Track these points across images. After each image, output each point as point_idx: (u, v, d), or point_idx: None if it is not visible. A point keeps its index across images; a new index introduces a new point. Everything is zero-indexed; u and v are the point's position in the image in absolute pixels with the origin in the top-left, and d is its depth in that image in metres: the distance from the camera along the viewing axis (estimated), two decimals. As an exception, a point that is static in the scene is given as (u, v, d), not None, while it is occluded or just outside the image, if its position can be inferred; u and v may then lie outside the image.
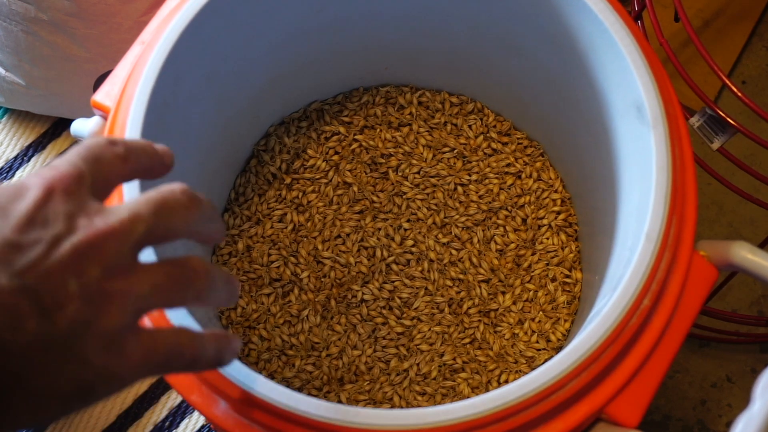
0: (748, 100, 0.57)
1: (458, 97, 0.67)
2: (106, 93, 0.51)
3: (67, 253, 0.30)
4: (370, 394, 0.59)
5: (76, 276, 0.30)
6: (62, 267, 0.29)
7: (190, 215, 0.33)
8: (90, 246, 0.30)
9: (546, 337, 0.61)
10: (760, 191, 0.68)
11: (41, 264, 0.29)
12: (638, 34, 0.50)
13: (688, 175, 0.48)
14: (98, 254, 0.30)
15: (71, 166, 0.31)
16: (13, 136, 0.83)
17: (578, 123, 0.59)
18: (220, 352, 0.35)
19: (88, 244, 0.30)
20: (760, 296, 0.79)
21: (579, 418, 0.43)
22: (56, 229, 0.30)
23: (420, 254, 0.63)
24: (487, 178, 0.65)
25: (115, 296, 0.30)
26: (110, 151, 0.33)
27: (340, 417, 0.41)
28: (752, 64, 0.88)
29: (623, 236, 0.51)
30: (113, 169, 0.33)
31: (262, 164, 0.65)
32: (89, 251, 0.30)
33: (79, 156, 0.32)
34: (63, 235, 0.30)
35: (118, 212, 0.31)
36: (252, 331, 0.61)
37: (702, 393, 0.76)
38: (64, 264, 0.29)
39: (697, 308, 0.46)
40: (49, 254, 0.29)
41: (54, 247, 0.30)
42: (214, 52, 0.54)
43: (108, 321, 0.30)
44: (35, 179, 0.31)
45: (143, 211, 0.31)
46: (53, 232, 0.30)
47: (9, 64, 0.76)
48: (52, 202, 0.30)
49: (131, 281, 0.31)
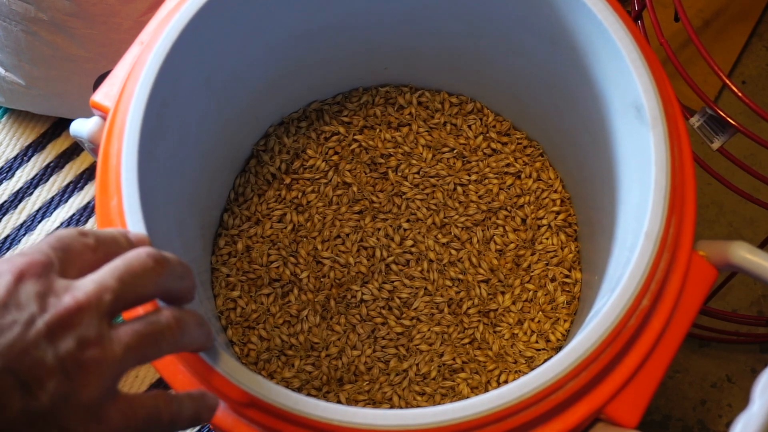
0: (748, 100, 0.57)
1: (458, 97, 0.67)
2: (105, 93, 0.51)
3: (41, 331, 0.31)
4: (370, 395, 0.59)
5: (52, 351, 0.31)
6: (38, 344, 0.31)
7: (158, 277, 0.35)
8: (61, 321, 0.32)
9: (545, 337, 0.61)
10: (760, 191, 0.68)
11: (19, 343, 0.31)
12: (637, 34, 0.50)
13: (688, 175, 0.48)
14: (70, 328, 0.32)
15: (40, 254, 0.33)
16: (13, 136, 0.83)
17: (578, 123, 0.59)
18: (197, 412, 0.37)
19: (60, 319, 0.32)
20: (760, 296, 0.79)
21: (578, 418, 0.43)
22: (30, 310, 0.32)
23: (419, 254, 0.63)
24: (487, 178, 0.65)
25: (91, 366, 0.32)
26: (79, 242, 0.35)
27: (339, 417, 0.41)
28: (752, 64, 0.88)
29: (622, 236, 0.51)
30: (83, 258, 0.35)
31: (262, 164, 0.65)
32: (61, 326, 0.32)
33: (48, 245, 0.34)
34: (36, 315, 0.32)
35: (84, 286, 0.33)
36: (251, 331, 0.61)
37: (702, 393, 0.76)
38: (40, 341, 0.31)
39: (696, 308, 0.46)
40: (25, 334, 0.31)
41: (29, 326, 0.31)
42: (213, 53, 0.54)
43: (87, 392, 0.32)
44: (6, 266, 0.33)
45: (108, 281, 0.33)
46: (27, 313, 0.32)
47: (9, 64, 0.76)
48: (24, 285, 0.32)
49: (105, 349, 0.32)
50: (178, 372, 0.44)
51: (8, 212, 0.80)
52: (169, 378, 0.44)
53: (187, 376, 0.44)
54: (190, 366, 0.43)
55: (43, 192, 0.81)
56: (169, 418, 0.36)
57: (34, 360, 0.31)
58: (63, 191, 0.81)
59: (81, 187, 0.81)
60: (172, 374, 0.44)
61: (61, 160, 0.82)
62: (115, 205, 0.46)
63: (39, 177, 0.82)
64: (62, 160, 0.82)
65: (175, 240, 0.52)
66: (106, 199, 0.47)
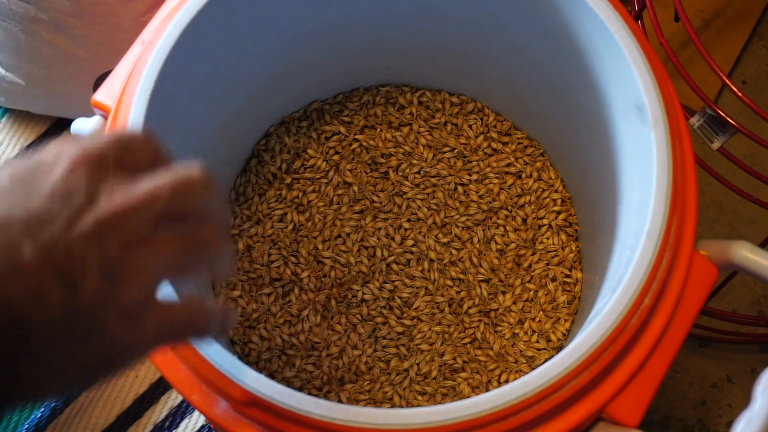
0: (748, 100, 0.57)
1: (458, 96, 0.67)
2: (107, 92, 0.51)
3: (88, 227, 0.30)
4: (371, 394, 0.59)
5: (97, 250, 0.30)
6: (83, 241, 0.30)
7: (208, 197, 0.34)
8: (110, 220, 0.31)
9: (546, 336, 0.61)
10: (760, 191, 0.68)
11: (63, 237, 0.30)
12: (639, 34, 0.50)
13: (689, 174, 0.48)
14: (118, 229, 0.31)
15: (99, 145, 0.32)
16: (13, 136, 0.83)
17: (579, 123, 0.59)
18: (224, 323, 0.37)
19: (108, 218, 0.31)
20: (760, 296, 0.79)
21: (579, 417, 0.43)
22: (77, 202, 0.31)
23: (420, 254, 0.63)
24: (488, 178, 0.65)
25: (133, 270, 0.31)
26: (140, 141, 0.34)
27: (340, 416, 0.41)
28: (752, 64, 0.88)
29: (624, 236, 0.51)
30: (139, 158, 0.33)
31: (263, 164, 0.65)
32: (109, 226, 0.31)
33: (109, 138, 0.33)
34: (84, 209, 0.31)
35: (138, 189, 0.32)
36: (252, 331, 0.61)
37: (702, 393, 0.76)
38: (85, 238, 0.30)
39: (697, 308, 0.46)
40: (70, 228, 0.30)
41: (75, 220, 0.30)
42: (214, 52, 0.54)
43: (127, 294, 0.31)
44: (65, 153, 0.32)
45: (163, 189, 0.32)
46: (75, 205, 0.30)
47: (9, 64, 0.76)
48: (76, 175, 0.31)
49: (149, 255, 0.32)
50: (180, 371, 0.44)
51: (8, 212, 0.80)
52: (170, 377, 0.44)
53: (188, 375, 0.44)
54: (192, 365, 0.43)
55: (43, 192, 0.81)
56: (202, 326, 0.35)
57: (78, 259, 0.30)
58: (63, 191, 0.81)
59: (81, 186, 0.81)
60: (173, 373, 0.44)
61: (62, 159, 0.82)
62: (117, 204, 0.46)
63: (39, 177, 0.82)
64: (62, 160, 0.82)
65: (176, 239, 0.52)
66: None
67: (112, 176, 0.32)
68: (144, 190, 0.32)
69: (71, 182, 0.31)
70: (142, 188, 0.32)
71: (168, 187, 0.32)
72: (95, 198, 0.31)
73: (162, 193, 0.32)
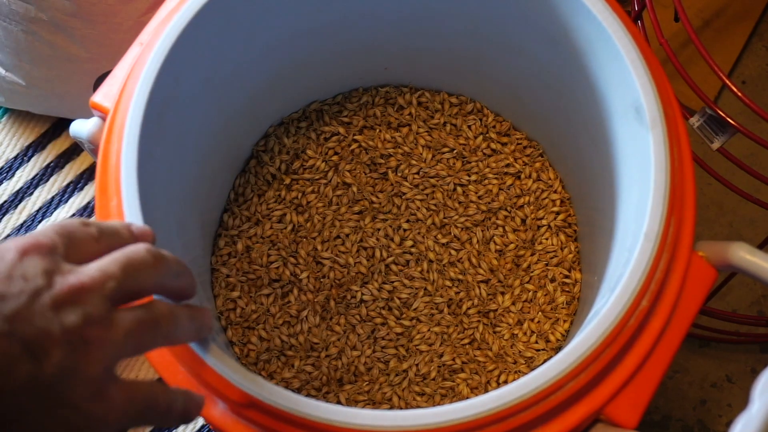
0: (748, 100, 0.57)
1: (457, 97, 0.67)
2: (105, 94, 0.51)
3: (48, 303, 0.32)
4: (370, 395, 0.59)
5: (58, 323, 0.32)
6: (45, 314, 0.32)
7: (156, 273, 0.36)
8: (68, 297, 0.32)
9: (545, 337, 0.61)
10: (760, 191, 0.68)
11: (26, 311, 0.32)
12: (637, 35, 0.50)
13: (687, 175, 0.48)
14: (76, 304, 0.32)
15: (45, 237, 0.34)
16: (13, 136, 0.83)
17: (577, 123, 0.59)
18: (187, 406, 0.38)
19: (65, 294, 0.32)
20: (760, 296, 0.79)
21: (578, 418, 0.43)
22: (36, 283, 0.32)
23: (419, 255, 0.63)
24: (487, 179, 0.65)
25: (95, 343, 0.33)
26: (83, 231, 0.36)
27: (339, 418, 0.41)
28: (752, 64, 0.88)
29: (622, 237, 0.51)
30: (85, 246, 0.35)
31: (262, 165, 0.65)
32: (68, 302, 0.32)
33: (53, 230, 0.35)
34: (43, 288, 0.32)
35: (89, 271, 0.34)
36: (251, 332, 0.61)
37: (702, 393, 0.76)
38: (47, 312, 0.32)
39: (695, 309, 0.46)
40: (32, 303, 0.32)
41: (36, 297, 0.32)
42: (213, 53, 0.54)
43: (91, 368, 0.32)
44: (11, 243, 0.33)
45: (112, 269, 0.34)
46: (33, 285, 0.32)
47: (9, 64, 0.76)
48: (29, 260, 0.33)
49: (108, 329, 0.33)
50: (178, 373, 0.44)
51: (8, 212, 0.80)
52: (168, 378, 0.44)
53: (186, 377, 0.44)
54: (190, 366, 0.43)
55: (43, 192, 0.81)
56: (165, 406, 0.36)
57: (41, 329, 0.31)
58: (63, 191, 0.81)
59: (81, 187, 0.81)
60: (172, 375, 0.44)
61: (61, 160, 0.82)
62: (115, 205, 0.46)
63: (39, 177, 0.82)
64: (62, 160, 0.82)
65: (175, 240, 0.52)
66: (106, 200, 0.47)
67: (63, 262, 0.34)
68: (94, 270, 0.34)
69: (26, 267, 0.33)
70: (92, 269, 0.34)
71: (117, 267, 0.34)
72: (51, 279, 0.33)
73: (113, 272, 0.34)
